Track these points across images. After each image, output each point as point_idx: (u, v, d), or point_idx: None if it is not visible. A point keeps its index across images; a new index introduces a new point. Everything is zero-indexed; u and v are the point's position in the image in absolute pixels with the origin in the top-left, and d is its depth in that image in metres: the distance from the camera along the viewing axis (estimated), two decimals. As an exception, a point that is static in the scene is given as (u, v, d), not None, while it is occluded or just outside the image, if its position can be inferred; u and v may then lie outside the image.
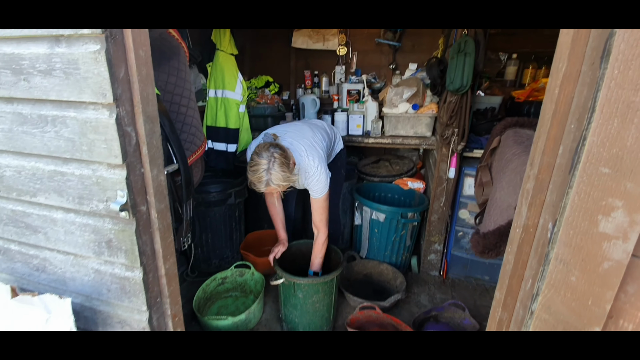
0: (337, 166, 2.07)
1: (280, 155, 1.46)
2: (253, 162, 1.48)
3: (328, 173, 1.68)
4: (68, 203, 0.94)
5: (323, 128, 1.93)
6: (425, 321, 2.05)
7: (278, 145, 1.51)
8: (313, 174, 1.63)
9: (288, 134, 1.69)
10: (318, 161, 1.63)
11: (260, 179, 1.46)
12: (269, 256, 1.86)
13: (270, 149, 1.47)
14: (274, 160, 1.45)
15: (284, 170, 1.46)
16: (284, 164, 1.46)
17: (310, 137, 1.73)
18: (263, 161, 1.45)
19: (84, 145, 0.86)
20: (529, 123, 1.13)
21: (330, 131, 1.99)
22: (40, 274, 1.11)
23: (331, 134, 1.98)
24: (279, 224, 1.98)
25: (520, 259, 0.66)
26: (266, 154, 1.45)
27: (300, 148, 1.64)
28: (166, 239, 0.97)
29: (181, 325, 1.10)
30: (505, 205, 0.97)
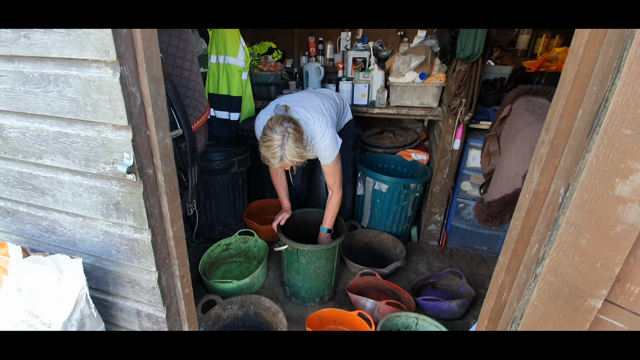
0: (346, 137, 2.05)
1: (294, 130, 1.44)
2: (266, 137, 1.45)
3: (337, 138, 1.66)
4: (74, 165, 0.94)
5: (332, 98, 1.89)
6: (423, 287, 2.12)
7: (292, 119, 1.47)
8: (320, 139, 1.60)
9: (297, 105, 1.65)
10: (325, 126, 1.60)
11: (275, 154, 1.44)
12: (273, 223, 1.89)
13: (284, 123, 1.44)
14: (288, 135, 1.43)
15: (298, 146, 1.44)
16: (298, 139, 1.44)
17: (318, 105, 1.70)
18: (277, 137, 1.42)
19: (88, 106, 0.84)
20: (542, 91, 1.10)
21: (340, 101, 1.95)
22: (50, 235, 1.13)
23: (340, 104, 1.94)
24: (282, 192, 1.99)
25: (528, 224, 0.66)
26: (280, 129, 1.43)
27: (307, 116, 1.61)
28: (173, 202, 0.98)
29: (189, 285, 1.14)
30: (513, 174, 0.97)
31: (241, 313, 1.81)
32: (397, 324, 1.73)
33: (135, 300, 1.13)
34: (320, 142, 1.61)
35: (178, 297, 1.14)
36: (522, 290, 0.68)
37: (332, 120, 1.72)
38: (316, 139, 1.61)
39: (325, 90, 1.96)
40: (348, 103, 2.05)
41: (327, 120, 1.63)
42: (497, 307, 0.78)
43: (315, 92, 1.89)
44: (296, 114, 1.61)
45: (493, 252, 2.42)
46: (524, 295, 0.67)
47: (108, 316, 1.21)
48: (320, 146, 1.62)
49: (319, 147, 1.63)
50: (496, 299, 0.77)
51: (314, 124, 1.60)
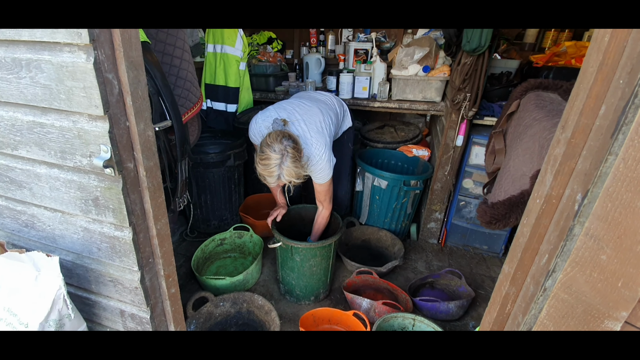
0: (344, 140, 1.99)
1: (293, 149, 1.39)
2: (264, 155, 1.40)
3: (332, 160, 1.63)
4: (50, 157, 0.88)
5: (332, 108, 1.83)
6: (421, 287, 2.07)
7: (291, 137, 1.42)
8: (317, 162, 1.57)
9: (298, 120, 1.60)
10: (323, 148, 1.57)
11: (272, 173, 1.40)
12: (268, 219, 1.84)
13: (284, 141, 1.39)
14: (287, 154, 1.38)
15: (297, 166, 1.40)
16: (296, 159, 1.40)
17: (319, 121, 1.64)
18: (275, 155, 1.37)
19: (62, 94, 0.77)
20: (554, 85, 1.03)
21: (340, 109, 1.89)
22: (29, 230, 1.07)
23: (340, 112, 1.88)
24: (276, 189, 1.94)
25: (537, 232, 0.60)
26: (279, 147, 1.38)
27: (307, 135, 1.57)
28: (157, 198, 0.92)
29: (175, 285, 1.09)
30: (519, 174, 0.91)
31: (234, 311, 1.76)
32: (393, 325, 1.68)
33: (118, 300, 1.08)
34: (316, 165, 1.58)
35: (163, 298, 1.09)
36: (528, 304, 0.62)
37: (330, 138, 1.68)
38: (312, 161, 1.57)
39: (326, 98, 1.87)
40: (348, 109, 1.98)
41: (325, 141, 1.59)
42: (499, 318, 0.72)
43: (316, 100, 1.80)
44: (295, 130, 1.57)
45: (493, 251, 2.36)
46: (531, 309, 0.61)
47: (91, 315, 1.16)
48: (316, 168, 1.59)
49: (315, 168, 1.60)
50: (499, 311, 0.71)
51: (312, 145, 1.56)
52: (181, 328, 1.19)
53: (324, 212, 1.81)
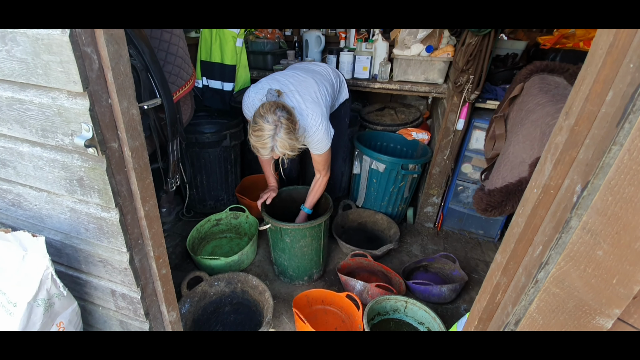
0: (340, 115, 1.93)
1: (287, 120, 1.34)
2: (257, 126, 1.35)
3: (330, 130, 1.58)
4: (32, 135, 0.85)
5: (328, 78, 1.76)
6: (415, 270, 2.09)
7: (285, 108, 1.37)
8: (314, 133, 1.52)
9: (292, 91, 1.53)
10: (319, 118, 1.51)
11: (265, 145, 1.36)
12: (258, 202, 1.82)
13: (277, 112, 1.34)
14: (280, 125, 1.33)
15: (291, 138, 1.36)
16: (290, 130, 1.35)
17: (314, 91, 1.58)
18: (269, 126, 1.33)
19: (39, 68, 0.73)
20: (560, 68, 0.98)
21: (336, 79, 1.81)
22: (16, 210, 1.05)
23: (336, 83, 1.81)
24: (268, 170, 1.91)
25: (533, 223, 0.58)
26: (272, 118, 1.33)
27: (302, 106, 1.51)
28: (144, 179, 0.89)
29: (166, 266, 1.08)
30: (518, 161, 0.88)
31: (228, 290, 1.78)
32: (385, 307, 1.70)
33: (109, 280, 1.07)
34: (313, 135, 1.53)
35: (154, 278, 1.08)
36: (519, 295, 0.60)
37: (327, 108, 1.62)
38: (309, 132, 1.52)
39: (321, 69, 1.80)
40: (344, 79, 1.91)
41: (321, 111, 1.53)
42: (489, 307, 0.71)
43: (311, 71, 1.74)
44: (289, 101, 1.51)
45: (489, 236, 2.36)
46: (521, 300, 0.60)
47: (83, 294, 1.16)
48: (313, 139, 1.54)
49: (312, 139, 1.55)
50: (489, 300, 0.70)
51: (308, 116, 1.50)
52: (173, 308, 1.19)
53: (322, 180, 1.77)
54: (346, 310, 1.73)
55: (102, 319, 1.23)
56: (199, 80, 2.58)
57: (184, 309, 1.62)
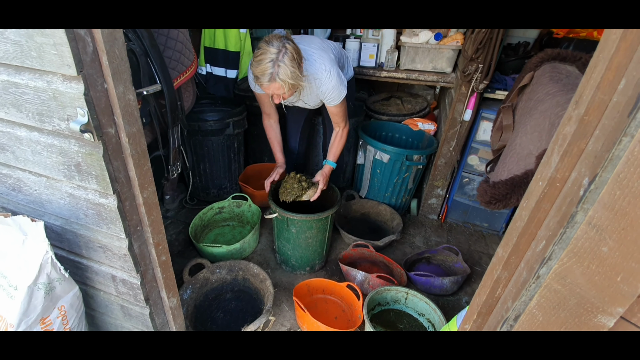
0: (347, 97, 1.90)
1: (292, 49, 1.27)
2: (260, 50, 1.27)
3: (342, 77, 1.49)
4: (29, 120, 0.84)
5: (333, 44, 1.72)
6: (417, 262, 2.08)
7: (291, 39, 1.31)
8: (327, 79, 1.44)
9: (298, 38, 1.48)
10: (329, 64, 1.43)
11: (265, 70, 1.26)
12: (266, 180, 1.81)
13: (283, 40, 1.27)
14: (285, 51, 1.25)
15: (294, 66, 1.27)
16: (294, 59, 1.27)
17: (319, 41, 1.53)
18: (272, 49, 1.24)
19: (33, 51, 0.72)
20: (572, 57, 0.94)
21: (341, 50, 1.77)
22: (17, 194, 1.06)
23: (342, 53, 1.76)
24: (277, 146, 1.89)
25: (537, 216, 0.56)
26: (277, 43, 1.25)
27: (309, 52, 1.43)
28: (142, 166, 0.89)
29: (165, 253, 1.08)
30: (525, 152, 0.85)
31: (229, 278, 1.79)
32: (386, 298, 1.70)
33: (109, 266, 1.08)
34: (326, 83, 1.44)
35: (154, 265, 1.09)
36: (519, 290, 0.59)
37: (335, 60, 1.55)
38: (322, 79, 1.44)
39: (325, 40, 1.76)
40: (351, 60, 1.86)
41: (329, 57, 1.45)
42: (488, 302, 0.70)
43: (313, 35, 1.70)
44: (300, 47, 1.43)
45: (494, 229, 2.34)
46: (522, 295, 0.58)
47: (84, 278, 1.18)
48: (327, 87, 1.46)
49: (326, 88, 1.46)
50: (489, 294, 0.68)
51: (316, 61, 1.41)
52: (173, 295, 1.20)
53: (342, 132, 1.69)
54: (346, 300, 1.73)
55: (104, 303, 1.24)
56: (203, 67, 2.56)
57: (185, 295, 1.63)
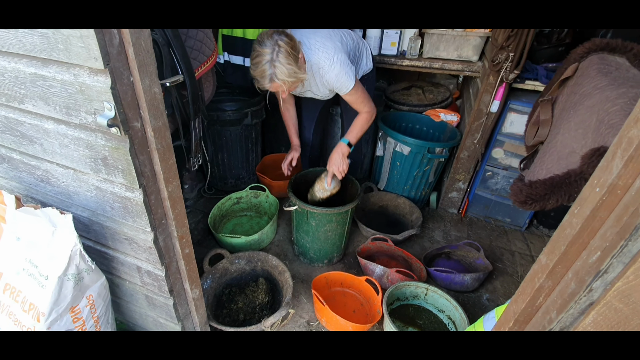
0: None
1: (285, 44, 1.23)
2: (255, 52, 1.27)
3: (348, 64, 1.41)
4: (56, 113, 0.84)
5: (349, 32, 1.62)
6: (436, 257, 2.04)
7: (284, 33, 1.26)
8: (329, 67, 1.38)
9: (299, 31, 1.42)
10: (332, 51, 1.37)
11: (263, 73, 1.26)
12: (283, 163, 1.80)
13: (274, 35, 1.24)
14: (278, 49, 1.23)
15: (290, 63, 1.25)
16: (290, 55, 1.24)
17: (327, 31, 1.44)
18: (266, 50, 1.23)
19: (60, 43, 0.70)
20: (623, 47, 0.86)
21: (359, 40, 1.67)
22: (45, 185, 1.07)
23: (359, 43, 1.66)
24: (292, 129, 1.87)
25: (591, 225, 0.51)
26: (269, 42, 1.23)
27: (311, 40, 1.37)
28: (167, 160, 0.88)
29: (189, 246, 1.09)
30: (567, 151, 0.79)
31: (248, 268, 1.80)
32: (405, 293, 1.68)
33: (134, 257, 1.09)
34: (329, 72, 1.39)
35: (178, 257, 1.09)
36: (567, 302, 0.55)
37: (344, 48, 1.46)
38: (324, 68, 1.39)
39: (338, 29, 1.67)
40: (371, 49, 1.77)
41: (334, 45, 1.39)
42: (527, 310, 0.66)
43: None
44: (296, 35, 1.37)
45: (516, 224, 2.27)
46: (569, 308, 0.55)
47: (111, 268, 1.20)
48: (330, 76, 1.40)
49: (329, 77, 1.41)
50: (528, 302, 0.65)
51: (319, 49, 1.36)
52: (196, 286, 1.21)
53: (366, 115, 1.58)
54: (365, 294, 1.72)
55: (129, 293, 1.27)
56: (220, 56, 2.52)
57: (205, 285, 1.65)
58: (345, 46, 1.52)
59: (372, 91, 1.89)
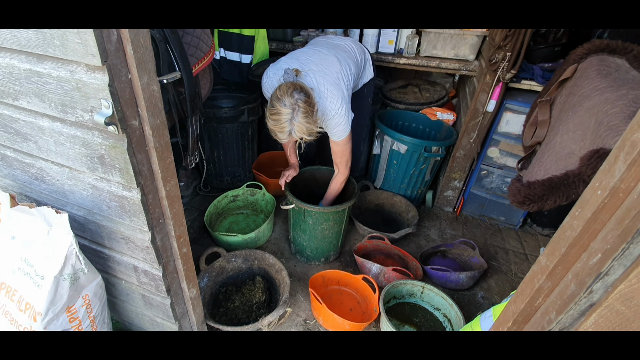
0: (363, 94, 1.83)
1: (304, 104, 1.29)
2: (275, 109, 1.31)
3: (350, 114, 1.51)
4: (51, 110, 0.82)
5: (352, 56, 1.64)
6: (432, 255, 2.06)
7: (303, 89, 1.32)
8: (333, 116, 1.46)
9: (312, 71, 1.46)
10: (339, 102, 1.44)
11: (283, 129, 1.32)
12: (280, 180, 1.79)
13: (295, 94, 1.29)
14: (298, 109, 1.29)
15: (309, 122, 1.32)
16: (308, 114, 1.31)
17: (336, 72, 1.49)
18: (286, 110, 1.29)
19: (56, 39, 0.69)
20: (623, 49, 0.87)
21: (361, 57, 1.70)
22: (40, 184, 1.05)
23: (361, 61, 1.70)
24: (290, 148, 1.86)
25: (592, 227, 0.52)
26: (289, 101, 1.28)
27: (321, 88, 1.44)
28: (165, 159, 0.87)
29: (186, 245, 1.08)
30: (566, 152, 0.80)
31: (245, 267, 1.80)
32: (402, 291, 1.69)
33: (131, 256, 1.08)
34: (332, 119, 1.47)
35: (175, 257, 1.08)
36: (566, 303, 0.56)
37: (348, 91, 1.54)
38: (328, 116, 1.46)
39: (345, 44, 1.68)
40: (370, 56, 1.79)
41: (342, 95, 1.46)
42: (527, 310, 0.67)
43: (334, 47, 1.63)
44: (308, 82, 1.44)
45: (510, 223, 2.29)
46: (569, 309, 0.55)
47: (106, 267, 1.18)
48: (331, 123, 1.48)
49: (330, 123, 1.49)
50: (528, 303, 0.66)
51: (327, 99, 1.44)
52: (193, 285, 1.20)
53: (338, 177, 1.72)
54: (361, 292, 1.73)
55: (125, 292, 1.26)
56: (216, 52, 2.50)
57: (202, 283, 1.65)
58: (351, 83, 1.58)
59: (371, 94, 1.91)
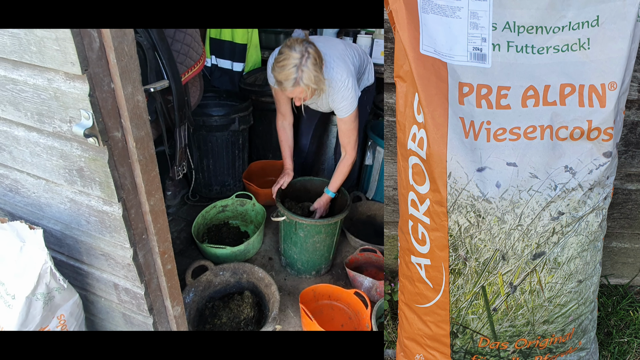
0: (362, 102, 1.82)
1: (314, 52, 1.28)
2: (283, 55, 1.28)
3: (357, 90, 1.48)
4: (27, 119, 0.77)
5: (357, 48, 1.66)
6: (424, 268, 2.03)
7: (312, 43, 1.30)
8: (339, 89, 1.43)
9: (319, 42, 1.45)
10: (346, 74, 1.42)
11: (289, 75, 1.27)
12: (273, 187, 1.75)
13: (305, 43, 1.27)
14: (307, 55, 1.26)
15: (317, 70, 1.29)
16: (317, 64, 1.28)
17: (342, 49, 1.50)
18: (295, 54, 1.26)
19: (32, 45, 0.65)
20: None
21: (364, 56, 1.71)
22: (14, 196, 0.99)
23: (364, 59, 1.70)
24: (287, 150, 1.83)
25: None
26: (300, 48, 1.26)
27: (328, 59, 1.42)
28: (149, 172, 0.82)
29: (171, 261, 1.02)
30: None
31: (233, 280, 1.74)
32: (394, 306, 1.66)
33: (111, 274, 1.02)
34: (339, 92, 1.43)
35: (159, 274, 1.03)
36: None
37: (355, 69, 1.52)
38: (335, 87, 1.43)
39: (348, 41, 1.71)
40: (371, 61, 1.79)
41: (348, 69, 1.44)
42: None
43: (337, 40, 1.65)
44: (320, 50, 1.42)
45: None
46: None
47: (85, 284, 1.12)
48: (338, 96, 1.45)
49: (337, 97, 1.45)
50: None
51: (333, 69, 1.41)
52: (177, 303, 1.15)
53: (346, 159, 1.67)
54: (353, 307, 1.69)
55: (105, 310, 1.19)
56: (208, 59, 2.47)
57: (187, 299, 1.58)
58: (354, 68, 1.56)
59: (371, 101, 1.90)
